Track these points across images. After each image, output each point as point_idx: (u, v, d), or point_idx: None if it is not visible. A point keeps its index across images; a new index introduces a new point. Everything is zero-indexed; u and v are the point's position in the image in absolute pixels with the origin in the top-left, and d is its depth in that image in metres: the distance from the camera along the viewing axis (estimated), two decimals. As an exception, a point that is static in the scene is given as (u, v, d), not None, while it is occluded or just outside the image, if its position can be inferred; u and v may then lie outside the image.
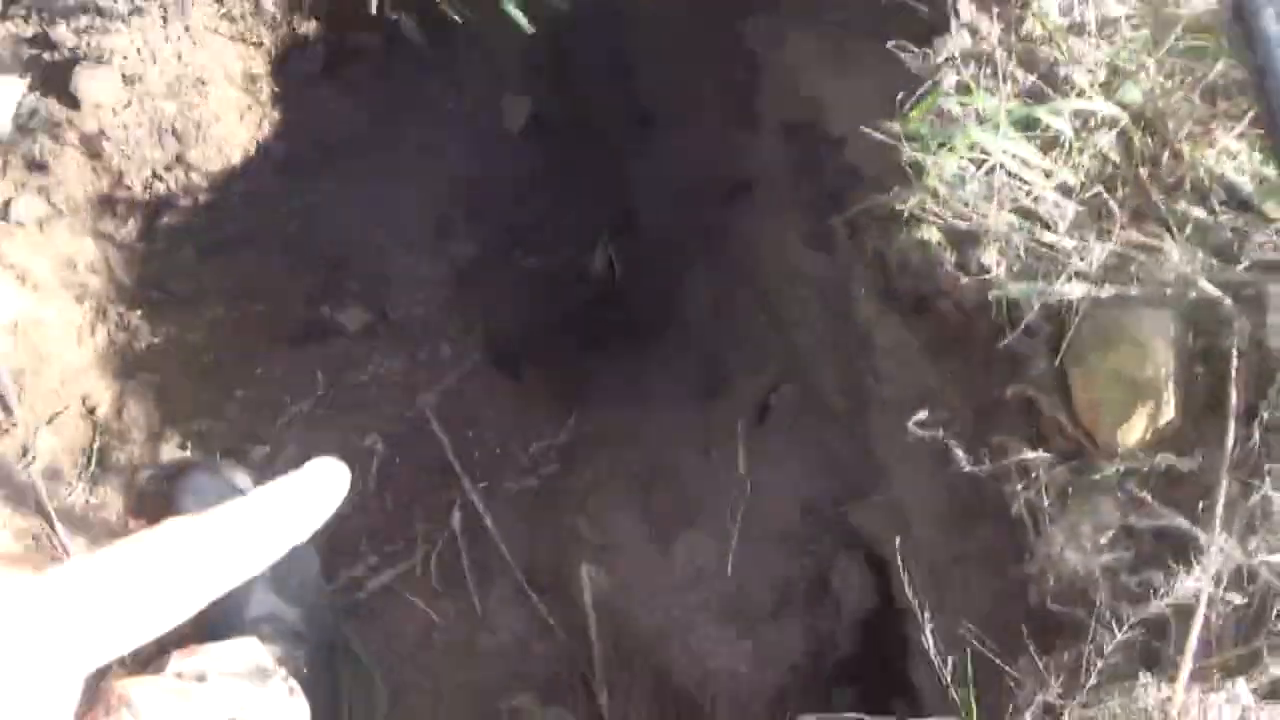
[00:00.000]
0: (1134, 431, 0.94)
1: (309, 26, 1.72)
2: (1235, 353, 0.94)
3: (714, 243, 1.78)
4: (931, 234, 1.05)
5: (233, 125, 1.65)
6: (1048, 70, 1.14)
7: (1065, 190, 1.05)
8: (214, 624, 1.36)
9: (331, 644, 1.36)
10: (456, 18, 1.53)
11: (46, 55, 1.54)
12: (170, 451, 1.48)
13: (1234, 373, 0.93)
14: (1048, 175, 1.04)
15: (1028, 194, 1.03)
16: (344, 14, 1.71)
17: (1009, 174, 1.03)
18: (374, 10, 1.43)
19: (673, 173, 1.79)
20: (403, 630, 1.46)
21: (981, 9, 1.20)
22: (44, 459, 1.41)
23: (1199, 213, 1.09)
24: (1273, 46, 1.02)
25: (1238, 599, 0.85)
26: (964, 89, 1.10)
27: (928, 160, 1.03)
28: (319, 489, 0.44)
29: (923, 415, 0.97)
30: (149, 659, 1.17)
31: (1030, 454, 0.96)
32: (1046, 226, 1.02)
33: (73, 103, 1.52)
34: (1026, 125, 1.07)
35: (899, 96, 1.14)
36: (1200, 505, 0.90)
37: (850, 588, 1.31)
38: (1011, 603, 1.02)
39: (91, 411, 1.47)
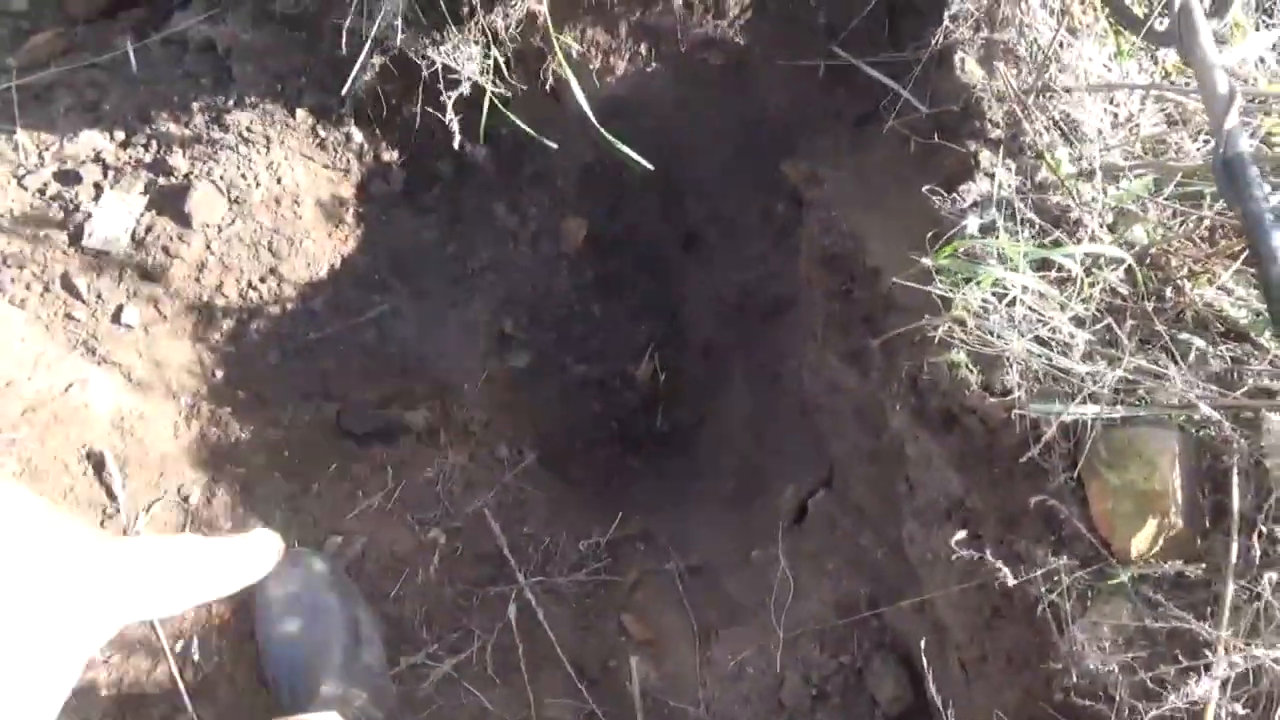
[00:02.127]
0: (1145, 540, 1.04)
1: (390, 155, 1.92)
2: (1236, 471, 1.05)
3: (755, 356, 1.92)
4: (959, 358, 1.17)
5: (321, 241, 1.83)
6: (1060, 214, 1.29)
7: (1079, 321, 1.18)
8: (291, 703, 1.46)
9: (396, 726, 1.44)
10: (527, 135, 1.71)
11: (163, 179, 1.73)
12: (252, 539, 1.60)
13: (1235, 489, 1.03)
14: (1062, 308, 1.17)
15: (1045, 324, 1.16)
16: (421, 143, 1.91)
17: (1028, 307, 1.16)
18: (456, 145, 1.61)
19: (717, 291, 1.94)
20: (459, 718, 1.54)
21: (1001, 158, 1.36)
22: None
23: (1200, 342, 1.21)
24: (1258, 198, 1.16)
25: (1239, 710, 0.93)
26: (987, 230, 1.24)
27: (955, 294, 1.16)
28: (257, 553, 0.72)
29: (961, 535, 1.08)
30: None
31: (1053, 560, 1.06)
32: (1063, 353, 1.15)
33: (184, 221, 1.70)
34: (1042, 264, 1.21)
35: (929, 235, 1.30)
36: (1209, 609, 1.00)
37: (885, 685, 1.39)
38: (1038, 699, 1.10)
39: (185, 500, 1.60)
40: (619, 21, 1.59)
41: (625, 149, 1.45)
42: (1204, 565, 1.02)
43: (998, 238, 1.22)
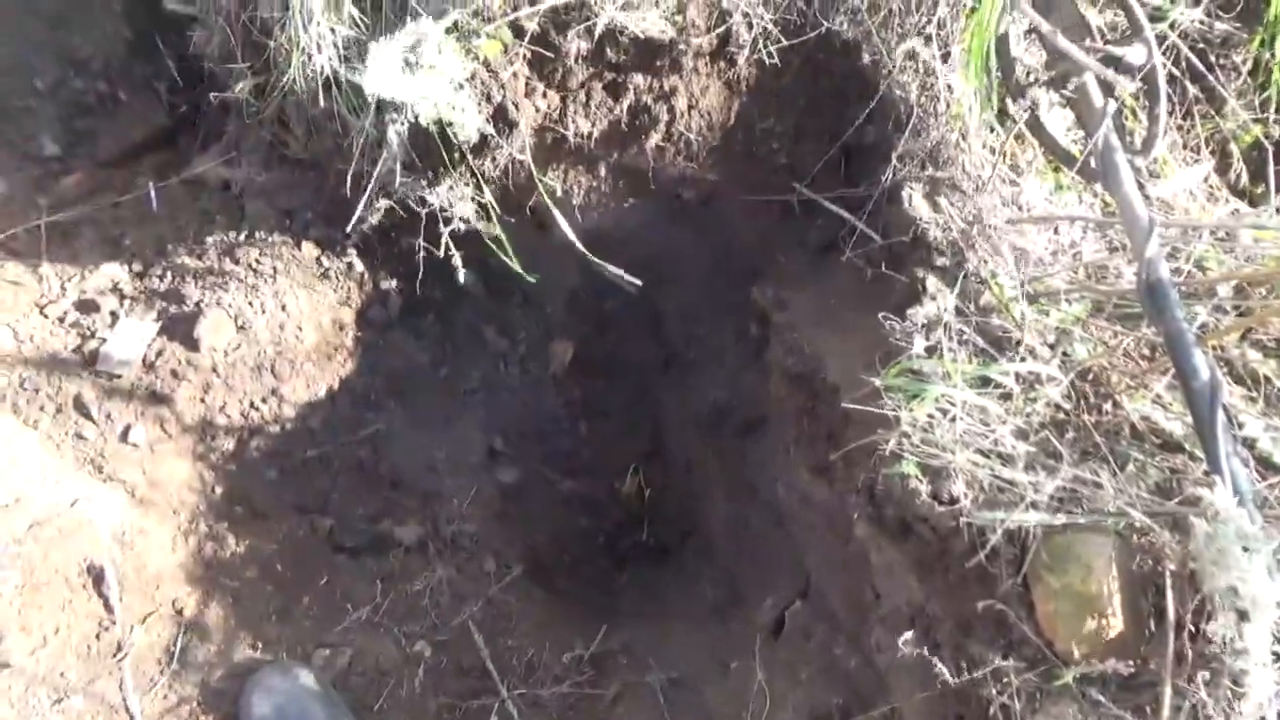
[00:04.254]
0: (1085, 640, 1.09)
1: (389, 283, 2.04)
2: (1169, 575, 1.11)
3: (733, 471, 1.99)
4: (910, 469, 1.25)
5: (321, 363, 1.94)
6: (1002, 335, 1.39)
7: (1021, 434, 1.26)
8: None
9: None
10: (515, 270, 1.84)
11: (175, 307, 1.85)
12: (243, 652, 1.64)
13: (1169, 592, 1.09)
14: (1003, 422, 1.26)
15: (987, 437, 1.24)
16: (418, 272, 2.04)
17: (971, 420, 1.25)
18: (460, 277, 1.73)
19: (696, 409, 2.03)
20: (439, 832, 1.55)
21: (945, 284, 1.47)
22: (134, 656, 1.58)
23: (1137, 454, 1.29)
24: (1178, 318, 1.26)
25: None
26: (931, 350, 1.34)
27: (903, 410, 1.25)
28: None
29: (909, 635, 1.14)
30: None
31: (1002, 662, 1.11)
32: (1005, 464, 1.23)
33: (193, 345, 1.81)
34: (984, 382, 1.30)
35: (879, 355, 1.40)
36: (1149, 709, 1.04)
37: (858, 795, 1.40)
38: (998, 802, 1.13)
39: (179, 612, 1.65)
40: (598, 163, 1.73)
41: (610, 268, 1.57)
42: (1143, 666, 1.07)
43: (941, 358, 1.32)
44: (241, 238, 1.95)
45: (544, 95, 1.58)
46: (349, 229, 1.91)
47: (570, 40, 1.49)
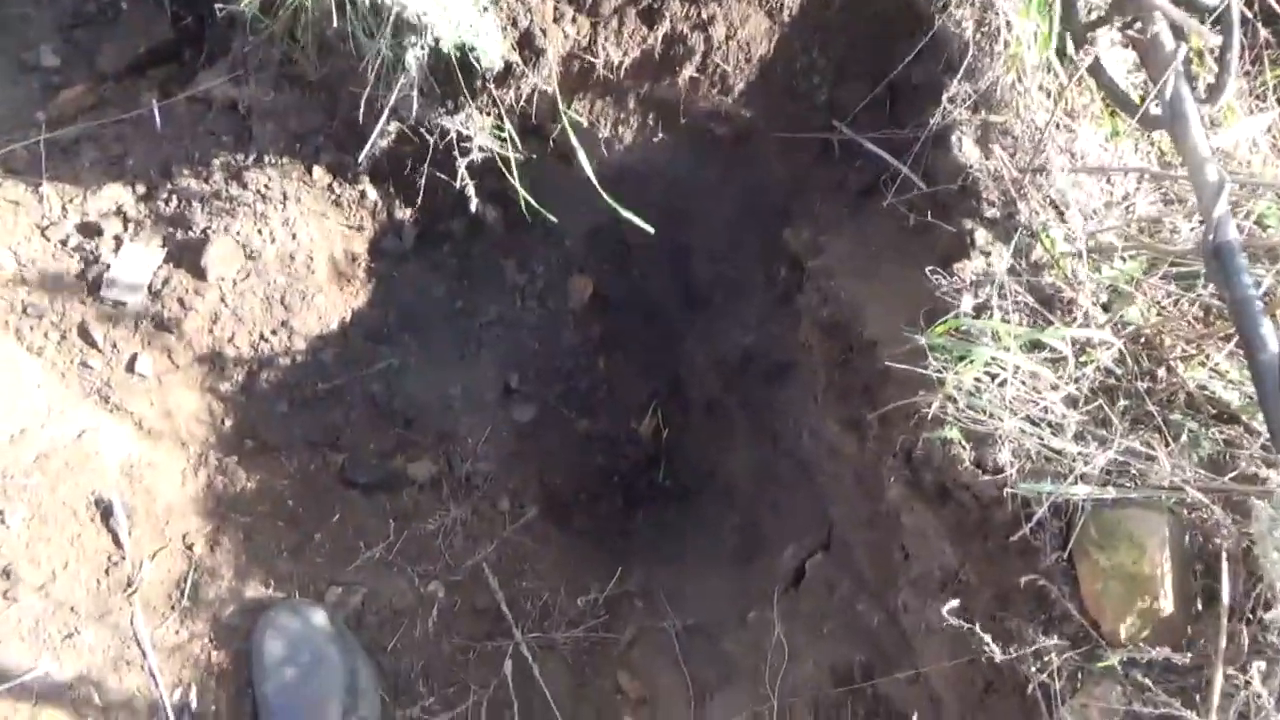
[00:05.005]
0: (1134, 624, 1.05)
1: (403, 213, 1.96)
2: (1225, 556, 1.06)
3: (756, 415, 1.94)
4: (953, 434, 1.20)
5: (333, 296, 1.87)
6: (1053, 294, 1.32)
7: (1070, 401, 1.20)
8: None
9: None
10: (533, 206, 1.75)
11: (181, 234, 1.78)
12: (255, 589, 1.62)
13: (1225, 575, 1.05)
14: (1054, 388, 1.20)
15: (1037, 404, 1.18)
16: (434, 202, 1.95)
17: (1021, 384, 1.19)
18: (473, 207, 1.65)
19: (720, 351, 1.97)
20: (453, 773, 1.55)
21: (995, 238, 1.39)
22: (144, 591, 1.55)
23: (1192, 424, 1.23)
24: (1246, 285, 1.19)
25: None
26: (980, 309, 1.27)
27: (949, 372, 1.19)
28: None
29: (953, 604, 1.09)
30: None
31: (1043, 640, 1.08)
32: (1054, 433, 1.17)
33: (200, 274, 1.74)
34: (1035, 345, 1.24)
35: (924, 310, 1.33)
36: (1198, 696, 1.01)
37: (878, 755, 1.39)
38: (1028, 777, 1.11)
39: (189, 548, 1.62)
40: (627, 95, 1.64)
41: (627, 213, 1.49)
42: (1191, 653, 1.03)
43: (991, 318, 1.25)
44: (249, 161, 1.86)
45: (573, 21, 1.48)
46: (362, 155, 1.82)
47: (606, -40, 1.38)
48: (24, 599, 1.46)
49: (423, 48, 1.40)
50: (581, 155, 1.48)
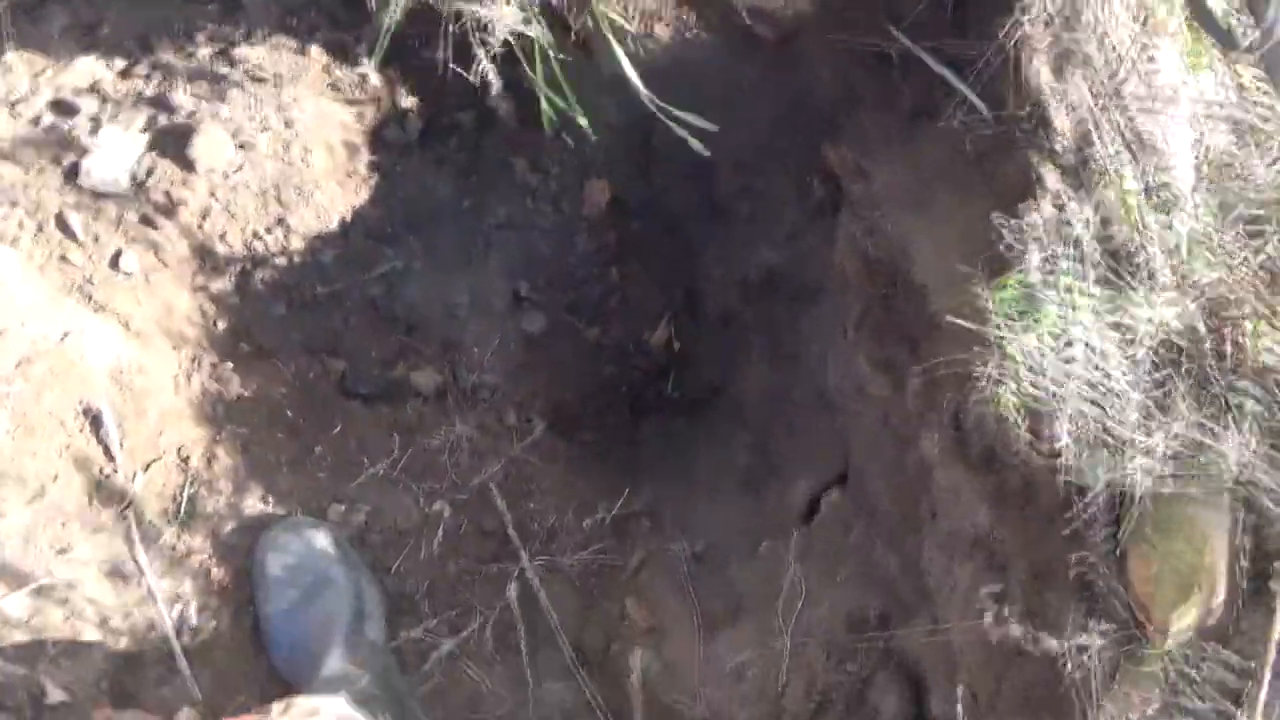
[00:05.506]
0: (1186, 617, 1.01)
1: (409, 101, 1.80)
2: (1286, 551, 1.01)
3: (777, 335, 1.85)
4: (1008, 399, 1.12)
5: (332, 191, 1.74)
6: (1125, 251, 1.21)
7: (1137, 377, 1.12)
8: (291, 673, 1.44)
9: (401, 705, 1.43)
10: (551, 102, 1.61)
11: (164, 118, 1.63)
12: (254, 503, 1.56)
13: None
14: (1123, 357, 1.11)
15: (1101, 375, 1.10)
16: (442, 90, 1.79)
17: (1090, 353, 1.10)
18: (493, 100, 1.50)
19: (743, 266, 1.87)
20: (456, 697, 1.54)
21: (1067, 179, 1.27)
22: (138, 504, 1.49)
23: (1255, 405, 1.16)
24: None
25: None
26: (1048, 266, 1.17)
27: (1011, 334, 1.10)
28: None
29: (995, 589, 1.04)
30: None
31: (1085, 624, 1.04)
32: (1116, 410, 1.09)
33: (188, 165, 1.61)
34: (1109, 308, 1.14)
35: (981, 257, 1.23)
36: (1244, 693, 0.98)
37: (888, 704, 1.38)
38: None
39: (185, 460, 1.55)
40: (665, -16, 1.47)
41: (679, 129, 1.36)
42: (1236, 648, 1.00)
43: (1058, 273, 1.16)
44: (239, 35, 1.69)
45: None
46: (375, 46, 1.65)
47: None
48: (12, 514, 1.39)
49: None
50: (624, 62, 1.34)
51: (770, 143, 1.70)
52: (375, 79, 1.76)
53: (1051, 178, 1.27)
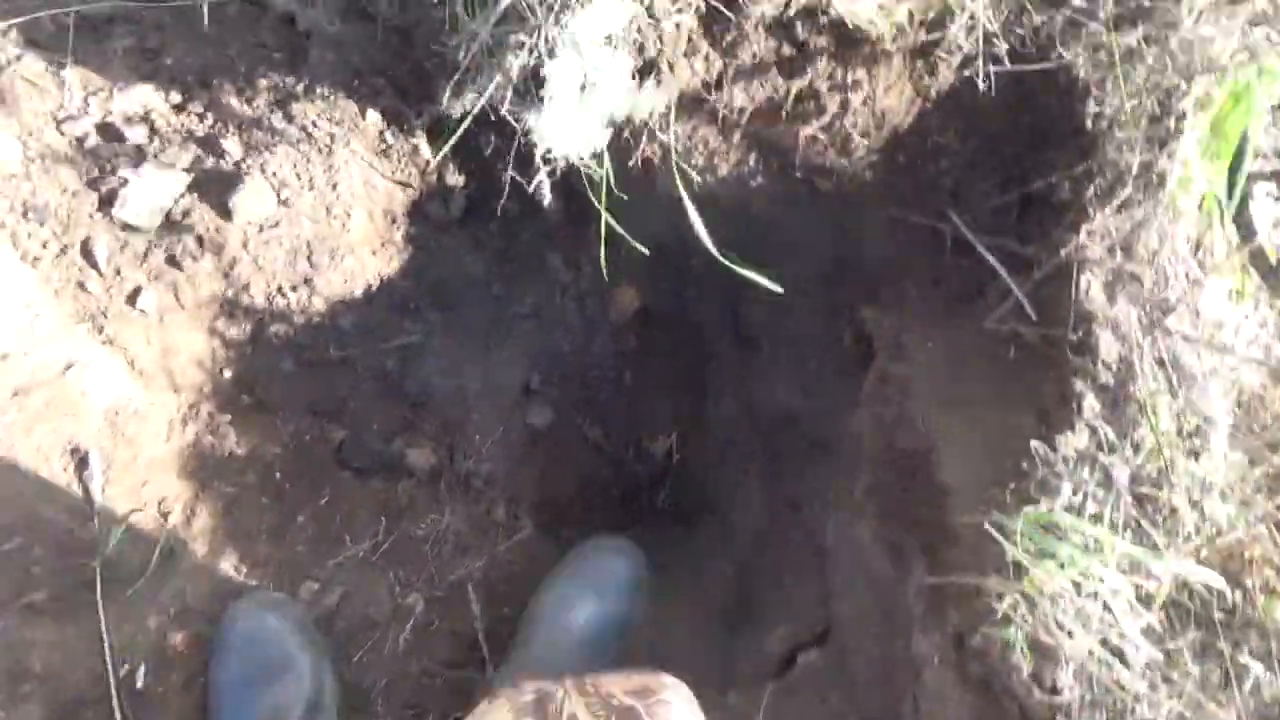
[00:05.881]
0: None
1: (457, 179, 1.79)
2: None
3: (779, 475, 1.83)
4: (1017, 637, 1.10)
5: (364, 258, 1.71)
6: (1150, 492, 1.20)
7: (1148, 631, 1.11)
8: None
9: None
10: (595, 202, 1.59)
11: (211, 160, 1.60)
12: (228, 569, 1.52)
13: None
14: (1138, 614, 1.10)
15: (1114, 629, 1.09)
16: (490, 172, 1.78)
17: (1104, 605, 1.09)
18: (546, 203, 1.49)
19: (756, 401, 1.85)
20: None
21: (1104, 409, 1.27)
22: (112, 554, 1.44)
23: (1259, 670, 1.15)
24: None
25: None
26: (1076, 497, 1.16)
27: (1034, 569, 1.09)
28: None
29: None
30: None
31: None
32: (1124, 664, 1.08)
33: (225, 214, 1.58)
34: (1133, 566, 1.13)
35: (1011, 478, 1.22)
36: None
37: None
38: None
39: (165, 515, 1.51)
40: (734, 129, 1.46)
41: (755, 276, 1.35)
42: None
43: (1086, 512, 1.15)
44: (300, 89, 1.66)
45: (705, 59, 1.29)
46: (423, 109, 1.65)
47: (759, 2, 1.19)
48: (-20, 552, 1.34)
49: (530, 59, 1.22)
50: (688, 202, 1.32)
51: (809, 288, 1.69)
52: (427, 151, 1.75)
53: (1090, 407, 1.27)
